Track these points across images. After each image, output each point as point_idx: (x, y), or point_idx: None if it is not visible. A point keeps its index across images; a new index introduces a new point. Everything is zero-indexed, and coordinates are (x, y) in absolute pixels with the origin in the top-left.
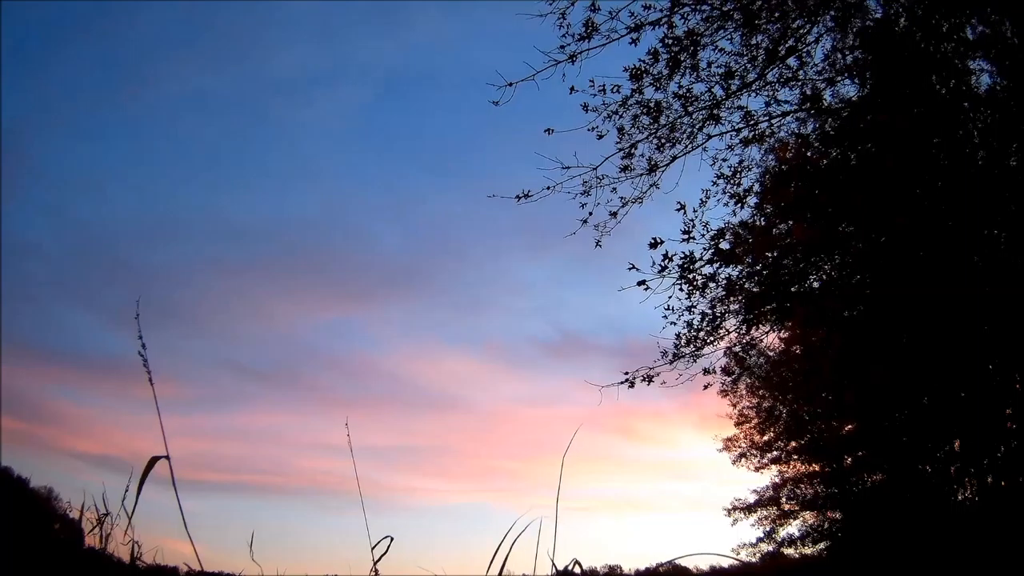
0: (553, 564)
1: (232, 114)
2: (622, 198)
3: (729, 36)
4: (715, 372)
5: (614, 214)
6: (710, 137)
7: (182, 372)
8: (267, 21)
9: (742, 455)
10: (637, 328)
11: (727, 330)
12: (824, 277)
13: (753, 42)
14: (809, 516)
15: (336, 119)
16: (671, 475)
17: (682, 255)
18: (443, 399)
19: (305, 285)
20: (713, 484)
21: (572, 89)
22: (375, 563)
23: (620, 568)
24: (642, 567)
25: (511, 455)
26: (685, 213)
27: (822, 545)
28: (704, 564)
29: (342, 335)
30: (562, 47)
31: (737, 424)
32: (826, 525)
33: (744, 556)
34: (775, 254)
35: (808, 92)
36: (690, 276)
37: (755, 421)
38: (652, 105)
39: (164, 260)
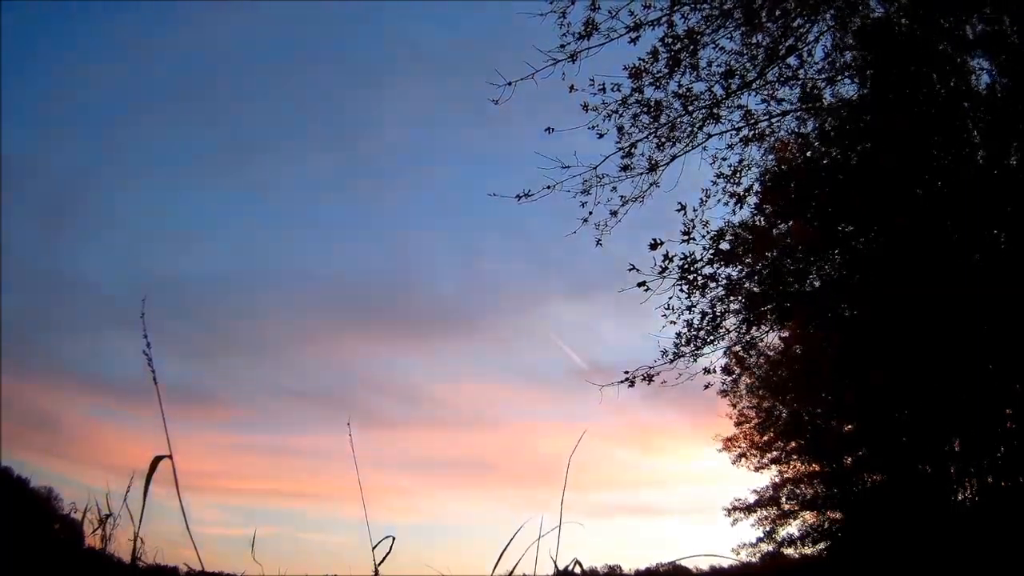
0: (555, 564)
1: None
2: (622, 197)
3: (729, 35)
4: (715, 372)
5: (614, 213)
6: (710, 136)
7: (248, 397)
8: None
9: (742, 455)
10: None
11: (727, 330)
12: (824, 277)
13: (753, 41)
14: (809, 516)
15: (426, 193)
16: (682, 483)
17: (682, 256)
18: (481, 420)
19: (369, 327)
20: (719, 488)
21: (572, 88)
22: (378, 563)
23: (620, 568)
24: (642, 567)
25: (534, 465)
26: (685, 214)
27: (822, 545)
28: (704, 564)
29: (397, 368)
30: (562, 46)
31: (737, 424)
32: (826, 525)
33: (744, 556)
34: (775, 254)
35: (808, 91)
36: (690, 277)
37: (755, 421)
38: (652, 104)
39: (238, 302)
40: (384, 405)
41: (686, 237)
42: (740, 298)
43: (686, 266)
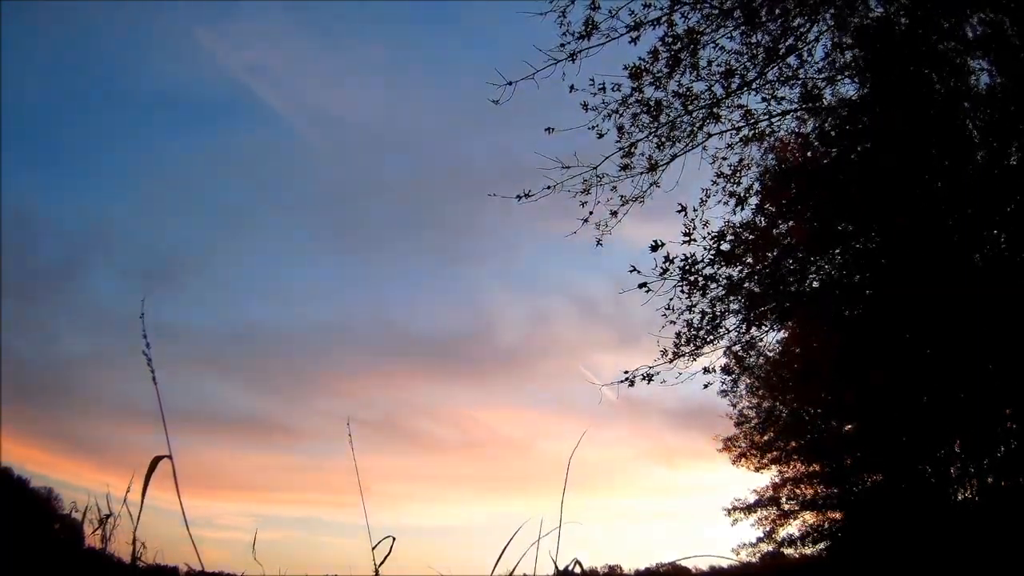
0: (555, 564)
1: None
2: (622, 197)
3: (729, 34)
4: (715, 372)
5: (615, 213)
6: (710, 136)
7: (314, 424)
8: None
9: (742, 455)
10: (690, 395)
11: (727, 330)
12: (824, 277)
13: (753, 40)
14: (809, 516)
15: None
16: (695, 491)
17: (683, 257)
18: (521, 443)
19: (433, 369)
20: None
21: (572, 88)
22: (379, 564)
23: (620, 568)
24: (642, 567)
25: (553, 473)
26: (686, 215)
27: (822, 545)
28: (704, 564)
29: (449, 399)
30: (562, 45)
31: (737, 424)
32: (826, 525)
33: (744, 556)
34: (775, 254)
35: (808, 91)
36: (691, 278)
37: (755, 421)
38: (652, 104)
39: (323, 346)
40: (433, 429)
41: (687, 238)
42: (740, 298)
43: (687, 267)
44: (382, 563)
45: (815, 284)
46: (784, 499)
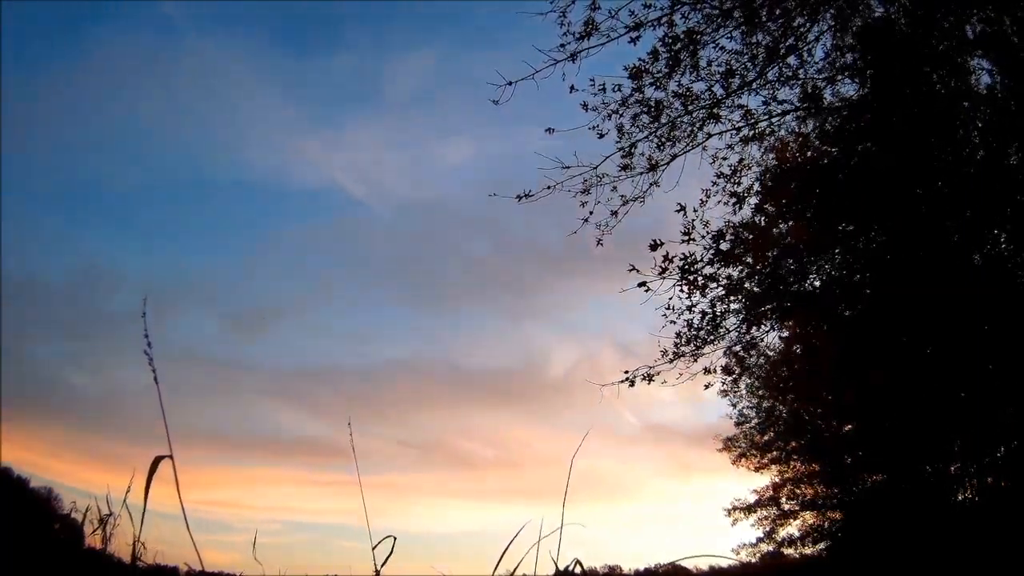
0: (555, 564)
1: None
2: (622, 196)
3: (729, 34)
4: (715, 372)
5: (615, 213)
6: (710, 136)
7: (368, 447)
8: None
9: (742, 455)
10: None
11: (727, 329)
12: (824, 277)
13: (753, 40)
14: (809, 516)
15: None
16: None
17: (683, 256)
18: (555, 459)
19: (482, 399)
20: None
21: (572, 88)
22: (381, 564)
23: (620, 568)
24: (642, 567)
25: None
26: (685, 214)
27: (822, 545)
28: (704, 564)
29: (493, 425)
30: (562, 46)
31: (737, 424)
32: (826, 525)
33: (744, 556)
34: (775, 254)
35: (808, 91)
36: (691, 277)
37: (755, 421)
38: (652, 104)
39: (387, 381)
40: (476, 449)
41: (686, 237)
42: (740, 298)
43: (686, 266)
44: (384, 563)
45: (815, 284)
46: (784, 499)
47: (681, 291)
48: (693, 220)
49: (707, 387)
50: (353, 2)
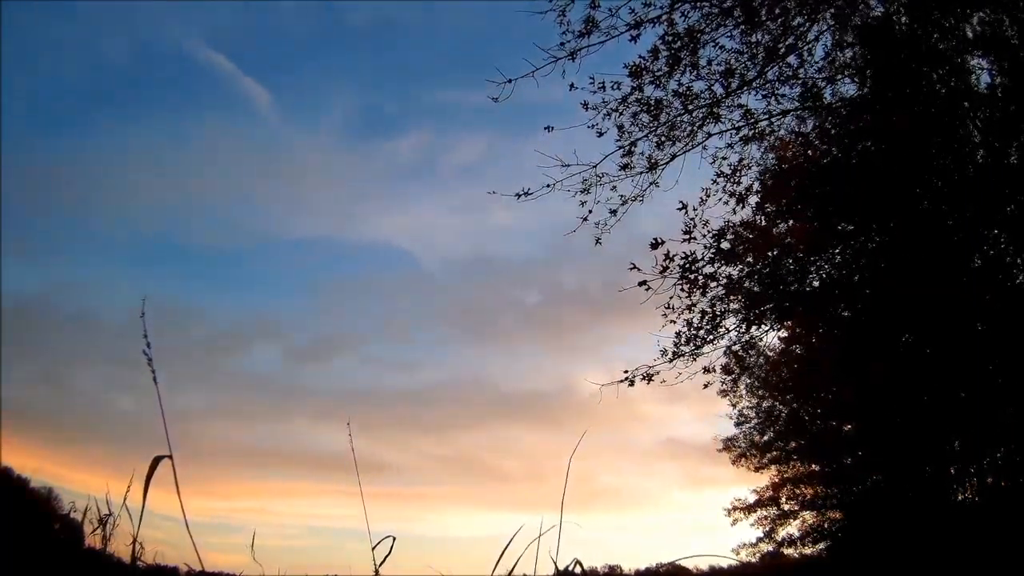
0: (555, 564)
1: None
2: (622, 196)
3: (729, 33)
4: (715, 371)
5: (614, 212)
6: (710, 135)
7: (406, 461)
8: None
9: (742, 455)
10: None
11: (727, 329)
12: (824, 277)
13: (753, 40)
14: (809, 516)
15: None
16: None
17: (683, 255)
18: (580, 473)
19: (514, 418)
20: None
21: (572, 86)
22: (379, 564)
23: (620, 568)
24: (642, 567)
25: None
26: (686, 213)
27: (822, 545)
28: (704, 564)
29: (522, 441)
30: (562, 44)
31: (737, 424)
32: (826, 525)
33: (744, 556)
34: (775, 253)
35: (808, 90)
36: (691, 276)
37: (755, 421)
38: (652, 103)
39: (431, 403)
40: (502, 462)
41: (687, 236)
42: (740, 297)
43: (687, 265)
44: (382, 563)
45: (815, 284)
46: (784, 499)
47: (681, 290)
48: (694, 218)
49: (706, 386)
50: (419, 94)
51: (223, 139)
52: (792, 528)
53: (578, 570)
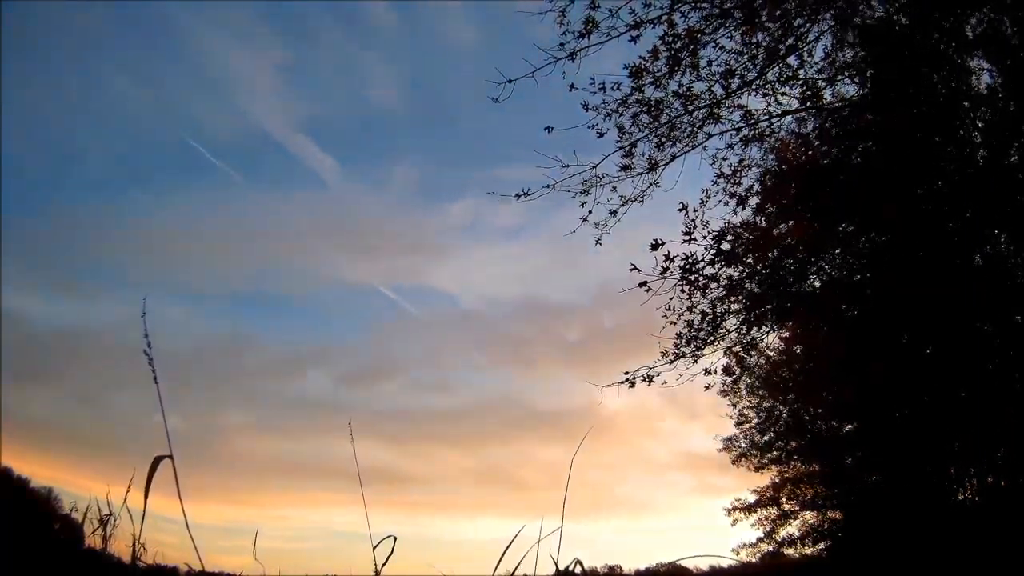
0: (555, 564)
1: None
2: (622, 196)
3: (729, 34)
4: (715, 372)
5: (614, 212)
6: (710, 136)
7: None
8: None
9: (742, 455)
10: None
11: (727, 330)
12: (824, 277)
13: (753, 40)
14: (809, 516)
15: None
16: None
17: (683, 256)
18: (599, 485)
19: (542, 433)
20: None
21: (572, 87)
22: (382, 564)
23: (620, 568)
24: (642, 567)
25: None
26: (687, 214)
27: (822, 545)
28: (704, 564)
29: (547, 455)
30: (562, 44)
31: (737, 424)
32: (826, 525)
33: (744, 556)
34: (776, 254)
35: (808, 91)
36: (691, 277)
37: (755, 421)
38: (652, 103)
39: (466, 420)
40: (528, 475)
41: (687, 237)
42: (741, 298)
43: (687, 266)
44: (384, 563)
45: (815, 284)
46: (784, 499)
47: (682, 291)
48: (694, 219)
49: (707, 388)
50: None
51: (300, 204)
52: (792, 528)
53: (578, 570)
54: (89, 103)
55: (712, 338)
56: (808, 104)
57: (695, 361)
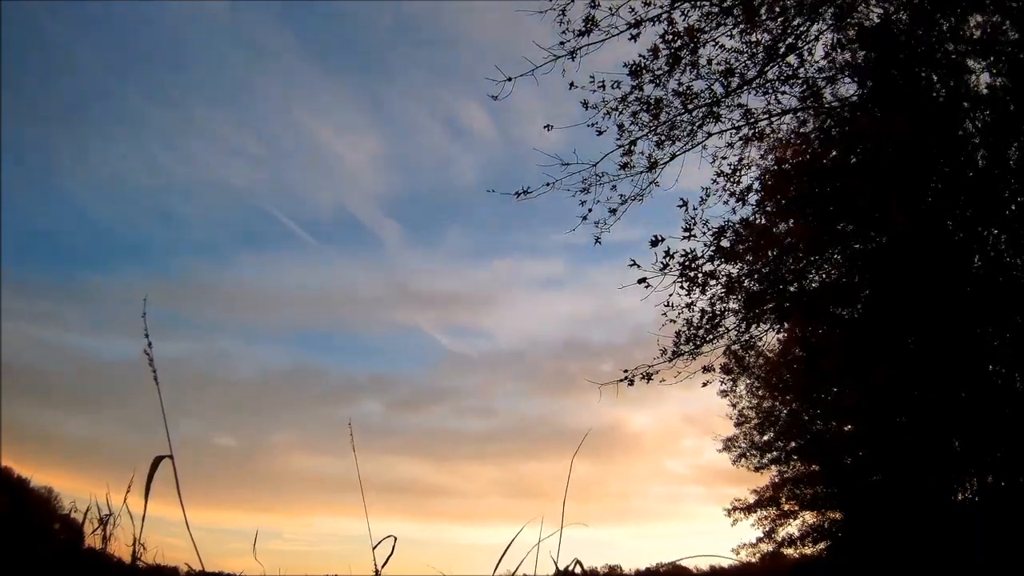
0: (555, 564)
1: None
2: (622, 195)
3: (729, 33)
4: (714, 371)
5: (613, 211)
6: (710, 135)
7: (466, 487)
8: None
9: (742, 455)
10: None
11: (726, 328)
12: (824, 277)
13: (753, 39)
14: (809, 516)
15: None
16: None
17: (683, 252)
18: (616, 493)
19: (563, 450)
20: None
21: (572, 85)
22: (382, 564)
23: (620, 568)
24: (642, 567)
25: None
26: (687, 210)
27: (822, 545)
28: (704, 564)
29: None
30: (562, 43)
31: (737, 424)
32: (826, 525)
33: (744, 556)
34: (775, 252)
35: (808, 90)
36: (691, 274)
37: (755, 421)
38: (652, 102)
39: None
40: (547, 485)
41: (687, 234)
42: (740, 296)
43: (687, 263)
44: (384, 564)
45: (815, 284)
46: (784, 499)
47: (681, 288)
48: (694, 216)
49: (705, 385)
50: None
51: (364, 266)
52: (792, 528)
53: (578, 570)
54: (215, 179)
55: (711, 336)
56: (808, 103)
57: (694, 359)
